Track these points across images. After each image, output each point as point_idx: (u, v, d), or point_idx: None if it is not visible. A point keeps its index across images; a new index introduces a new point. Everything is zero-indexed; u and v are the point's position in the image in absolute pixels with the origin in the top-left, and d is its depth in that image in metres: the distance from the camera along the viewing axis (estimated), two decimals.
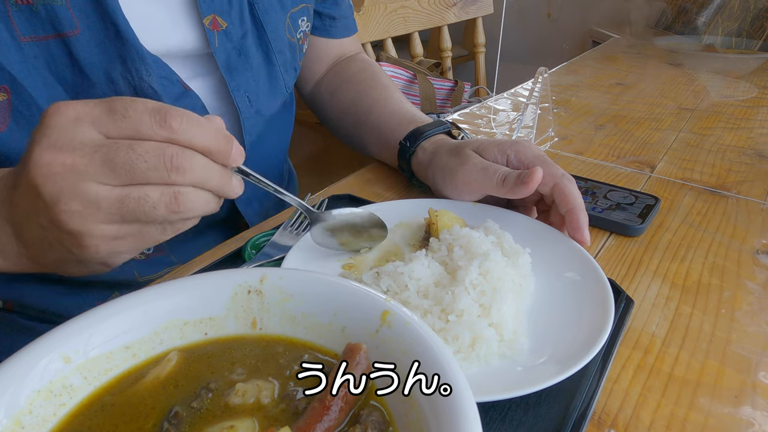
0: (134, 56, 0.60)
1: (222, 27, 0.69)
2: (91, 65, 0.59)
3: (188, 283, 0.40)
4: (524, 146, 0.65)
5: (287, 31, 0.79)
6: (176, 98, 0.66)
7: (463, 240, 0.55)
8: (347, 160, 1.96)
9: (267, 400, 0.34)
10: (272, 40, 0.76)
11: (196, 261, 0.63)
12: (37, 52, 0.56)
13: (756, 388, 0.48)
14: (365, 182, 0.82)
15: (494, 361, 0.46)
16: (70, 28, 0.57)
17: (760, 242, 0.69)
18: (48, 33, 0.56)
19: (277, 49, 0.77)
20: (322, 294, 0.39)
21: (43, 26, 0.55)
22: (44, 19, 0.55)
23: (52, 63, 0.57)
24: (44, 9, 0.55)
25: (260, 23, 0.74)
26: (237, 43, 0.71)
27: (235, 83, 0.72)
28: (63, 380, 0.33)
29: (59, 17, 0.56)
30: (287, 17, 0.79)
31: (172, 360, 0.37)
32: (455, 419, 0.29)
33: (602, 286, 0.52)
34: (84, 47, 0.58)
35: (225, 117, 0.74)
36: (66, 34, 0.57)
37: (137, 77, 0.61)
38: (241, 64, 0.72)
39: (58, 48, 0.57)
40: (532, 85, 1.00)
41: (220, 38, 0.69)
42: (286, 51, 0.79)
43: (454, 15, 1.93)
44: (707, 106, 1.24)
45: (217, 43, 0.69)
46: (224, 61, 0.70)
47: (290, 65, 0.82)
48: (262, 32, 0.75)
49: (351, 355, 0.34)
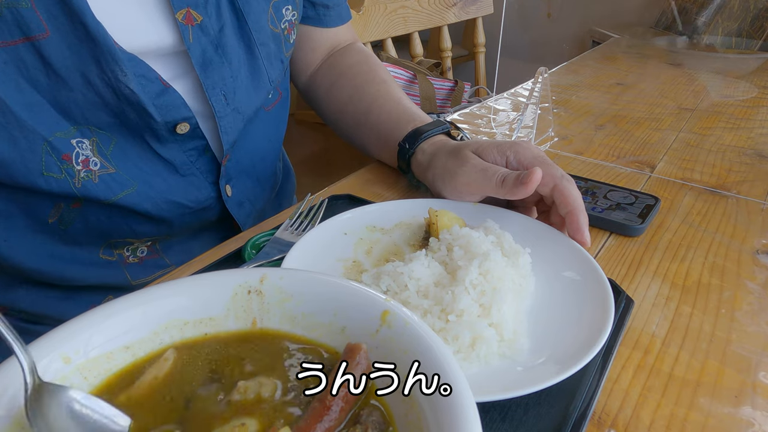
0: (107, 56, 0.58)
1: (197, 21, 0.66)
2: (66, 68, 0.57)
3: (188, 283, 0.40)
4: (524, 147, 0.65)
5: (270, 21, 0.76)
6: (156, 96, 0.63)
7: (462, 240, 0.55)
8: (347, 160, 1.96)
9: (267, 395, 0.34)
10: (254, 31, 0.73)
11: (196, 261, 0.63)
12: (7, 57, 0.54)
13: (756, 388, 0.48)
14: (365, 182, 0.82)
15: (494, 361, 0.46)
16: (39, 31, 0.54)
17: (760, 242, 0.69)
18: (16, 37, 0.54)
19: (260, 40, 0.74)
20: (322, 294, 0.39)
21: (10, 31, 0.53)
22: (11, 24, 0.53)
23: (24, 68, 0.55)
24: (9, 12, 0.52)
25: (241, 14, 0.71)
26: (214, 37, 0.68)
27: (210, 81, 0.69)
28: (63, 380, 0.33)
29: (26, 20, 0.53)
30: (270, 6, 0.75)
31: (169, 359, 0.37)
32: (455, 419, 0.29)
33: (602, 286, 0.52)
34: (55, 50, 0.56)
35: (203, 117, 0.71)
36: (35, 37, 0.54)
37: (113, 78, 0.59)
38: (217, 59, 0.69)
39: (28, 52, 0.55)
40: (532, 85, 1.00)
41: (195, 33, 0.66)
42: (269, 42, 0.76)
43: (454, 15, 1.93)
44: (707, 106, 1.24)
45: (192, 38, 0.65)
46: (199, 57, 0.67)
47: (275, 57, 0.78)
48: (243, 23, 0.71)
49: (351, 355, 0.34)
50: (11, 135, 0.57)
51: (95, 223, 0.68)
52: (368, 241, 0.62)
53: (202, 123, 0.70)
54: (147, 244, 0.74)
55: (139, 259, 0.73)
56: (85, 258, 0.71)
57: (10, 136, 0.57)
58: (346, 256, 0.60)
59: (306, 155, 2.46)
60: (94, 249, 0.71)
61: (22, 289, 0.70)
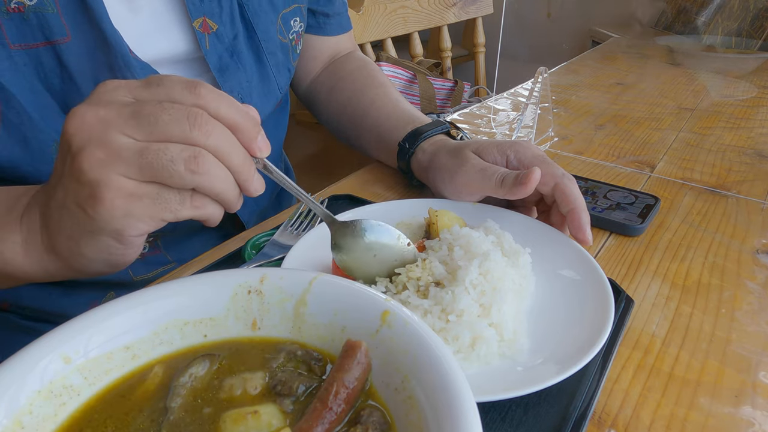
0: (120, 64, 0.59)
1: (213, 29, 0.68)
2: (81, 73, 0.58)
3: (188, 283, 0.40)
4: (524, 147, 0.65)
5: (278, 32, 0.79)
6: None
7: (463, 240, 0.55)
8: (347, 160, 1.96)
9: (255, 391, 0.35)
10: (263, 41, 0.75)
11: (196, 261, 0.63)
12: (27, 59, 0.56)
13: (756, 387, 0.48)
14: (365, 182, 0.82)
15: (494, 361, 0.46)
16: (60, 35, 0.56)
17: (760, 242, 0.69)
18: (38, 41, 0.56)
19: (269, 50, 0.77)
20: (323, 294, 0.39)
21: (33, 34, 0.55)
22: (35, 27, 0.55)
23: (41, 71, 0.57)
24: (35, 17, 0.54)
25: (250, 25, 0.73)
26: (229, 44, 0.71)
27: (228, 85, 0.71)
28: (63, 380, 0.33)
29: (50, 25, 0.55)
30: (278, 18, 0.78)
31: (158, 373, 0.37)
32: (455, 419, 0.29)
33: (602, 286, 0.52)
34: (74, 54, 0.57)
35: None
36: (57, 41, 0.56)
37: None
38: (233, 65, 0.72)
39: (47, 56, 0.57)
40: (532, 85, 1.00)
41: (211, 40, 0.68)
42: (277, 52, 0.79)
43: (453, 15, 1.93)
44: (707, 106, 1.24)
45: (208, 45, 0.68)
46: (216, 63, 0.70)
47: (283, 66, 0.81)
48: (252, 33, 0.74)
49: (351, 353, 0.34)
50: (24, 135, 0.58)
51: None
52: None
53: None
54: (149, 240, 0.74)
55: (141, 255, 0.73)
56: None
57: (23, 137, 0.58)
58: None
59: (306, 155, 2.46)
60: None
61: (25, 286, 0.70)
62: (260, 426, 0.32)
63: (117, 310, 0.37)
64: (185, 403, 0.34)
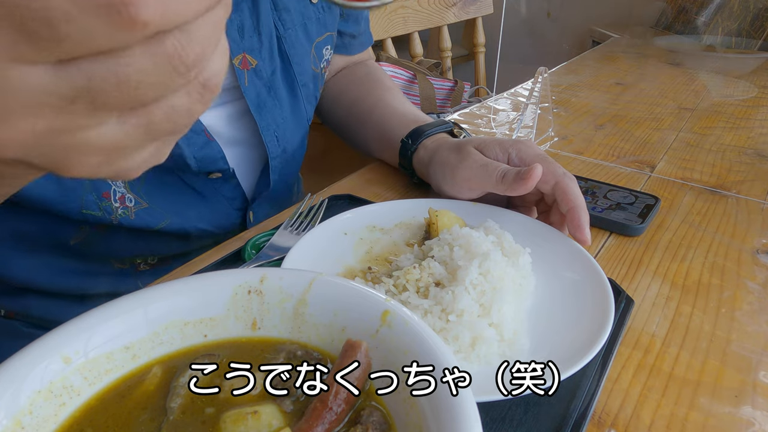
0: None
1: (252, 65, 0.67)
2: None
3: (188, 284, 0.40)
4: (526, 145, 0.65)
5: (312, 62, 0.78)
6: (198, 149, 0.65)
7: (463, 240, 0.55)
8: (347, 160, 1.96)
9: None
10: (297, 74, 0.75)
11: (196, 261, 0.63)
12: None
13: (756, 387, 0.48)
14: (365, 182, 0.82)
15: (494, 361, 0.46)
16: None
17: (760, 242, 0.69)
18: None
19: (302, 82, 0.76)
20: (323, 294, 0.39)
21: None
22: None
23: None
24: None
25: (287, 57, 0.73)
26: (267, 80, 0.70)
27: (264, 122, 0.71)
28: (63, 380, 0.33)
29: None
30: (312, 48, 0.78)
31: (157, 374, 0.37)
32: (455, 419, 0.29)
33: (602, 286, 0.52)
34: None
35: (236, 144, 0.73)
36: None
37: None
38: (270, 101, 0.71)
39: None
40: (532, 84, 1.00)
41: (250, 77, 0.67)
42: (309, 83, 0.78)
43: (453, 15, 1.93)
44: (707, 106, 1.24)
45: (247, 81, 0.67)
46: (254, 99, 0.69)
47: (312, 96, 0.81)
48: (287, 66, 0.74)
49: (351, 353, 0.34)
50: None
51: (117, 245, 0.70)
52: (368, 241, 0.62)
53: (231, 150, 0.72)
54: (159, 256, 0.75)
55: (150, 266, 0.74)
56: (98, 270, 0.72)
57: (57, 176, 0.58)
58: (346, 256, 0.60)
59: (306, 155, 2.45)
60: (109, 262, 0.73)
61: (32, 297, 0.71)
62: (260, 426, 0.32)
63: (117, 311, 0.37)
64: (185, 404, 0.34)
